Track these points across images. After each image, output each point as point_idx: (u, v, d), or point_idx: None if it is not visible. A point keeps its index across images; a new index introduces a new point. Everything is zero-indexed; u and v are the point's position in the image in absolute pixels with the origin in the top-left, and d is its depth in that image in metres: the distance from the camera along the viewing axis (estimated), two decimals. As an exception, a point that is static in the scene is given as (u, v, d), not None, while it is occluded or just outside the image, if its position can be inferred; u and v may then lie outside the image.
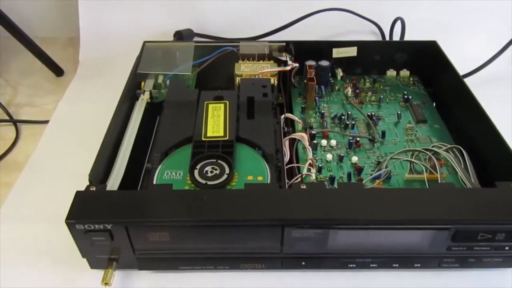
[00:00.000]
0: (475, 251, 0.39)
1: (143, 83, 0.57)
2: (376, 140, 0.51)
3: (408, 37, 0.70)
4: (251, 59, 0.59)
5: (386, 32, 0.74)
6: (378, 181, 0.45)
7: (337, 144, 0.51)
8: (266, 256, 0.40)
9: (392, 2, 0.74)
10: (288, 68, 0.56)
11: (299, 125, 0.53)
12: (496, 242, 0.38)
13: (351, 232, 0.37)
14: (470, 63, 0.64)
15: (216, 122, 0.48)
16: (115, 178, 0.43)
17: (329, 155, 0.49)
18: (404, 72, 0.62)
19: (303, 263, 0.40)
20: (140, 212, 0.36)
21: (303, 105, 0.57)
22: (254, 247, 0.39)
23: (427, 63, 0.60)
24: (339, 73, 0.62)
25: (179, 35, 0.71)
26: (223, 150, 0.44)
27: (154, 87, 0.57)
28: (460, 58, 0.58)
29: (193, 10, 0.75)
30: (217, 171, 0.42)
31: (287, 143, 0.49)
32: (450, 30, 0.72)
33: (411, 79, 0.62)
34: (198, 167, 0.43)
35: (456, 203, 0.37)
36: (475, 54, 0.66)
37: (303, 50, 0.58)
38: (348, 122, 0.53)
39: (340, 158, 0.48)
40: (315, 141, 0.51)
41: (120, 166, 0.44)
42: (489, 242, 0.38)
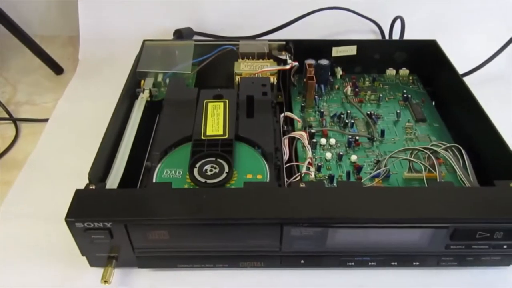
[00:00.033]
0: (473, 250, 0.39)
1: (142, 82, 0.57)
2: (375, 139, 0.51)
3: (407, 36, 0.70)
4: (250, 57, 0.59)
5: (386, 31, 0.74)
6: (377, 179, 0.45)
7: (336, 142, 0.51)
8: (265, 255, 0.40)
9: (392, 1, 0.73)
10: (287, 67, 0.56)
11: (299, 123, 0.53)
12: (495, 240, 0.38)
13: (350, 230, 0.37)
14: (470, 62, 0.64)
15: (215, 120, 0.48)
16: (115, 177, 0.43)
17: (328, 154, 0.49)
18: (404, 71, 0.62)
19: (302, 261, 0.40)
20: (139, 211, 0.36)
21: (302, 103, 0.57)
22: (253, 246, 0.39)
23: (427, 62, 0.60)
24: (339, 72, 0.62)
25: (178, 34, 0.71)
26: (222, 149, 0.44)
27: (154, 85, 0.57)
28: (460, 57, 0.58)
29: (192, 8, 0.75)
30: (216, 170, 0.42)
31: (287, 141, 0.49)
32: (449, 29, 0.72)
33: (411, 78, 0.62)
34: (197, 165, 0.43)
35: (455, 201, 0.37)
36: (475, 53, 0.66)
37: (302, 49, 0.59)
38: (347, 121, 0.53)
39: (339, 157, 0.48)
40: (314, 139, 0.51)
41: (119, 165, 0.44)
42: (487, 240, 0.38)
